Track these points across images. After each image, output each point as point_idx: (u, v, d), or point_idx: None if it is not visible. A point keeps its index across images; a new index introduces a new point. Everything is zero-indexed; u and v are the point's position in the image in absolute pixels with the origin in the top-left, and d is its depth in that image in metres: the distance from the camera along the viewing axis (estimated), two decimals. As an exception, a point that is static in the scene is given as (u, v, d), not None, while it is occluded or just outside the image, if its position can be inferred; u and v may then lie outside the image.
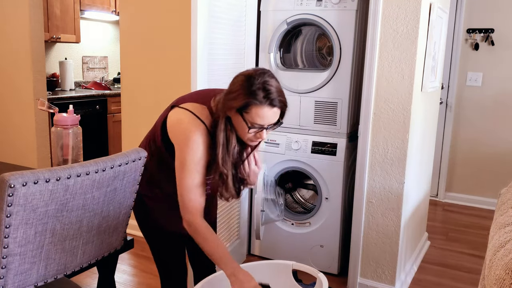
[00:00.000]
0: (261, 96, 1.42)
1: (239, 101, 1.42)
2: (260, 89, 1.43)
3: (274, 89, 1.47)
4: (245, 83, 1.43)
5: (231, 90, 1.46)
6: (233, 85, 1.47)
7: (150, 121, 3.26)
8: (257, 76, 1.44)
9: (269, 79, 1.47)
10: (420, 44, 2.40)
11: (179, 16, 3.05)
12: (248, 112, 1.43)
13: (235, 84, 1.46)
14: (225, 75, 2.45)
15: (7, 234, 1.25)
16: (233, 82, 1.48)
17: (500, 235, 1.15)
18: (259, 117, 1.44)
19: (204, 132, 1.50)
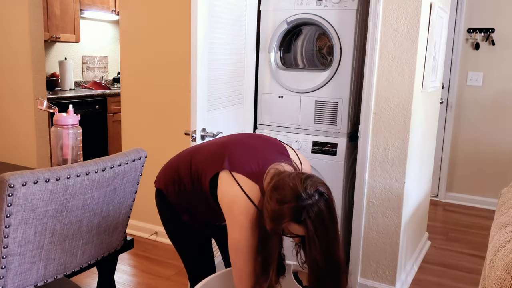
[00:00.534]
0: (302, 218, 1.37)
1: (283, 221, 1.39)
2: (304, 211, 1.37)
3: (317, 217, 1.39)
4: (293, 201, 1.37)
5: (278, 198, 1.40)
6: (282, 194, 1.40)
7: (150, 121, 3.27)
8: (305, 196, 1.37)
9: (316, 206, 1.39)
10: (420, 44, 2.39)
11: (179, 16, 3.04)
12: (288, 224, 1.40)
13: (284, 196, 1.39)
14: (225, 74, 2.45)
15: (6, 234, 1.25)
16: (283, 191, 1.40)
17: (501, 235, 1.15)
18: (295, 230, 1.42)
19: (254, 216, 1.49)
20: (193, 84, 2.14)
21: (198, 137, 2.17)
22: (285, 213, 1.37)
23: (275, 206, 1.39)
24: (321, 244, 1.39)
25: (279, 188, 1.41)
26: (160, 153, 3.26)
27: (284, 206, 1.37)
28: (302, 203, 1.36)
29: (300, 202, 1.36)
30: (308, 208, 1.36)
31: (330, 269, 1.44)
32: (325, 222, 1.39)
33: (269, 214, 1.41)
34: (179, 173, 1.69)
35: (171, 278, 2.80)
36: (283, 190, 1.40)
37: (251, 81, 2.76)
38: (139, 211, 3.38)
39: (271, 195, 1.42)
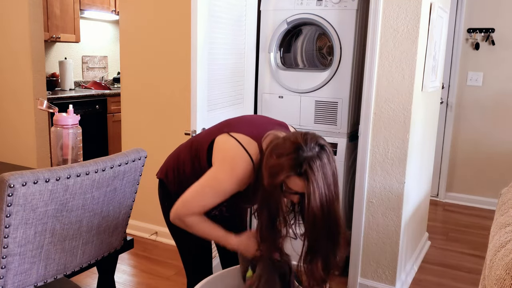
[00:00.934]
0: (303, 171, 1.34)
1: (283, 173, 1.35)
2: (304, 163, 1.34)
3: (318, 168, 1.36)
4: (293, 153, 1.35)
5: (278, 152, 1.37)
6: (281, 149, 1.38)
7: (150, 121, 3.27)
8: (306, 148, 1.35)
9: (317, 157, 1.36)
10: (420, 44, 2.39)
11: (179, 16, 3.04)
12: (288, 178, 1.37)
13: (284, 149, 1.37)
14: (225, 74, 2.45)
15: (6, 234, 1.25)
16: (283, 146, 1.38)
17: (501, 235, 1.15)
18: (295, 185, 1.38)
19: (249, 169, 1.47)
20: (193, 84, 2.14)
21: (198, 137, 2.17)
22: (285, 165, 1.34)
23: (275, 161, 1.36)
24: (321, 198, 1.35)
25: (279, 145, 1.39)
26: (160, 153, 3.26)
27: (283, 158, 1.35)
28: (303, 154, 1.33)
29: (301, 153, 1.34)
30: (309, 159, 1.33)
31: (329, 229, 1.40)
32: (326, 174, 1.36)
33: (268, 169, 1.38)
34: (179, 158, 1.68)
35: (171, 278, 2.80)
36: (283, 145, 1.38)
37: (251, 81, 2.76)
38: (139, 211, 3.38)
39: (270, 152, 1.39)
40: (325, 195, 1.36)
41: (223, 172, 1.48)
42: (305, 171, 1.33)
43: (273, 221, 1.46)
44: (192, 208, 1.52)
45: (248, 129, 1.54)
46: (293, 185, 1.37)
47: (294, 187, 1.38)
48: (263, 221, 1.46)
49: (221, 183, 1.48)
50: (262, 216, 1.47)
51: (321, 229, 1.39)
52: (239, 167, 1.46)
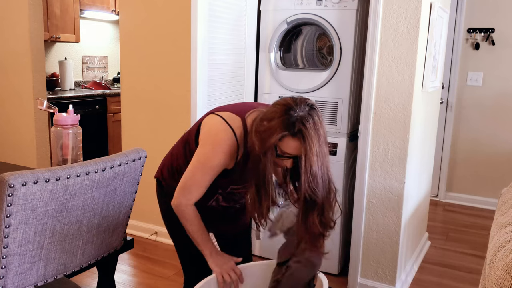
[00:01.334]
0: (296, 130, 1.36)
1: (276, 134, 1.37)
2: (296, 123, 1.36)
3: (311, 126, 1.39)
4: (281, 116, 1.37)
5: (268, 117, 1.40)
6: (271, 113, 1.40)
7: (150, 121, 3.27)
8: (297, 108, 1.38)
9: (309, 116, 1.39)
10: (420, 44, 2.39)
11: (179, 16, 3.04)
12: (281, 140, 1.38)
13: (274, 112, 1.40)
14: (225, 74, 2.45)
15: (6, 234, 1.25)
16: (272, 110, 1.41)
17: (501, 235, 1.15)
18: (292, 148, 1.39)
19: (232, 142, 1.50)
20: (193, 84, 2.14)
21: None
22: (278, 126, 1.35)
23: (266, 125, 1.38)
24: (318, 155, 1.37)
25: (268, 111, 1.41)
26: (160, 153, 3.26)
27: (275, 121, 1.36)
28: (294, 114, 1.35)
29: (292, 113, 1.36)
30: (301, 118, 1.35)
31: (323, 185, 1.43)
32: (319, 132, 1.38)
33: (259, 135, 1.39)
34: (172, 154, 1.71)
35: (171, 278, 2.80)
36: (273, 109, 1.40)
37: (251, 81, 2.76)
38: (139, 211, 3.38)
39: (261, 120, 1.41)
40: (320, 153, 1.39)
41: (207, 147, 1.52)
42: (300, 130, 1.35)
43: (259, 189, 1.48)
44: (190, 191, 1.54)
45: (233, 108, 1.58)
46: (286, 147, 1.38)
47: (287, 149, 1.39)
48: (250, 190, 1.49)
49: (207, 158, 1.51)
50: (250, 185, 1.49)
51: (317, 186, 1.41)
52: (221, 139, 1.49)
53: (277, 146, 1.39)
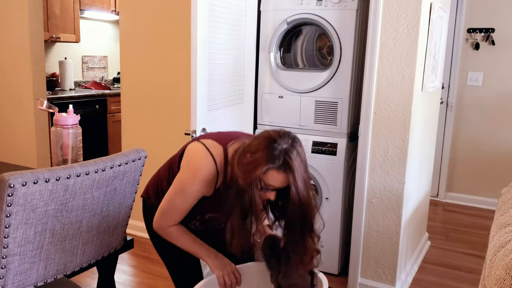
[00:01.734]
0: (281, 162, 1.37)
1: (261, 167, 1.37)
2: (281, 155, 1.37)
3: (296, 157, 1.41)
4: (268, 147, 1.38)
5: (252, 149, 1.41)
6: (255, 145, 1.41)
7: (150, 121, 3.27)
8: (280, 141, 1.40)
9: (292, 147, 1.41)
10: (420, 44, 2.39)
11: (179, 16, 3.04)
12: (265, 173, 1.39)
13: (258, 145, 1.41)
14: (225, 74, 2.45)
15: (6, 234, 1.25)
16: (256, 143, 1.42)
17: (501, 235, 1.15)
18: (275, 180, 1.40)
19: (211, 170, 1.51)
20: (193, 84, 2.14)
21: (198, 137, 2.17)
22: (262, 159, 1.36)
23: (250, 157, 1.39)
24: (304, 185, 1.40)
25: (251, 144, 1.42)
26: (160, 153, 3.26)
27: (259, 153, 1.37)
28: (278, 147, 1.37)
29: (276, 146, 1.37)
30: (286, 150, 1.37)
31: (308, 214, 1.46)
32: (303, 161, 1.42)
33: (243, 167, 1.40)
34: (158, 175, 1.73)
35: (171, 278, 2.80)
36: (256, 142, 1.41)
37: (251, 81, 2.76)
38: (139, 211, 3.37)
39: (243, 152, 1.42)
40: (305, 178, 1.41)
41: (187, 174, 1.53)
42: (285, 162, 1.36)
43: (245, 220, 1.48)
44: (169, 216, 1.58)
45: (216, 136, 1.60)
46: (271, 179, 1.39)
47: (272, 181, 1.39)
48: (234, 220, 1.48)
49: (186, 185, 1.53)
50: (233, 216, 1.48)
51: (304, 215, 1.44)
52: (200, 166, 1.50)
53: (261, 179, 1.40)
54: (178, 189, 1.55)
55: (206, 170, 1.50)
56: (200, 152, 1.53)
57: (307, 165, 1.47)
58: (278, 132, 1.42)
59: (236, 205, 1.46)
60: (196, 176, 1.51)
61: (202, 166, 1.51)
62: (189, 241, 1.61)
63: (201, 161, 1.51)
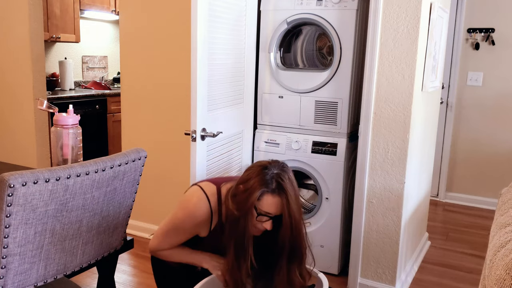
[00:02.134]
0: (274, 186, 1.42)
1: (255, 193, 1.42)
2: (274, 179, 1.43)
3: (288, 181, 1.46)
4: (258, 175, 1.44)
5: (244, 179, 1.48)
6: (247, 175, 1.49)
7: (150, 121, 3.27)
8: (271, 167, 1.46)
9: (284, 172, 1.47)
10: (420, 44, 2.39)
11: (179, 16, 3.04)
12: (260, 199, 1.43)
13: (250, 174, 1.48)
14: (225, 74, 2.45)
15: (6, 234, 1.25)
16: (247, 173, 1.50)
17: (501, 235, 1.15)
18: (270, 206, 1.43)
19: (204, 207, 1.58)
20: (193, 84, 2.14)
21: (198, 137, 2.17)
22: (255, 186, 1.41)
23: (243, 186, 1.44)
24: (297, 210, 1.44)
25: (243, 176, 1.49)
26: (160, 153, 3.26)
27: (252, 181, 1.43)
28: (269, 172, 1.43)
29: (268, 171, 1.44)
30: (278, 174, 1.43)
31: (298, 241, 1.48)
32: (294, 187, 1.45)
33: (238, 197, 1.44)
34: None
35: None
36: (248, 173, 1.47)
37: (251, 81, 2.76)
38: (139, 211, 3.38)
39: (236, 185, 1.48)
40: (298, 207, 1.46)
41: (181, 210, 1.62)
42: (278, 185, 1.41)
43: (239, 256, 1.50)
44: (162, 245, 1.67)
45: (212, 179, 1.69)
46: (266, 205, 1.42)
47: (267, 207, 1.43)
48: (230, 258, 1.51)
49: (179, 220, 1.61)
50: (229, 254, 1.52)
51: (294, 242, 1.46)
52: (194, 204, 1.59)
53: (256, 206, 1.43)
54: (171, 224, 1.64)
55: (199, 207, 1.57)
56: (194, 191, 1.62)
57: (299, 196, 1.49)
58: (268, 160, 1.49)
59: (231, 239, 1.49)
60: (189, 213, 1.59)
61: (195, 203, 1.58)
62: (182, 253, 1.67)
63: (195, 199, 1.59)
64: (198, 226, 1.61)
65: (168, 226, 1.65)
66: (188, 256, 1.68)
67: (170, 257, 1.69)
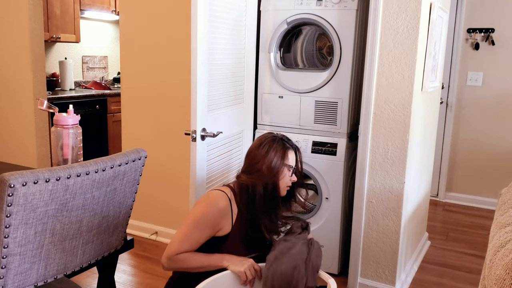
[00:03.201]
0: (289, 144, 1.78)
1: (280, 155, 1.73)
2: (285, 141, 1.79)
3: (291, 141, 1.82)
4: (274, 143, 1.75)
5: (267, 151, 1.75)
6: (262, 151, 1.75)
7: (150, 121, 3.27)
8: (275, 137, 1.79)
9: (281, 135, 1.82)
10: (420, 44, 2.40)
11: (179, 16, 3.04)
12: (285, 158, 1.74)
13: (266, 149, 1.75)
14: (225, 74, 2.45)
15: (7, 234, 1.25)
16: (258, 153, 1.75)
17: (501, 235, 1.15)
18: (292, 160, 1.77)
19: (223, 198, 1.70)
20: (193, 83, 2.14)
21: (198, 137, 2.17)
22: (279, 149, 1.74)
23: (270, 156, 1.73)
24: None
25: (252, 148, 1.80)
26: (160, 153, 3.26)
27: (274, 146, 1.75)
28: (277, 138, 1.78)
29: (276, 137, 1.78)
30: (282, 137, 1.79)
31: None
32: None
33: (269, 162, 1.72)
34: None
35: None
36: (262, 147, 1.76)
37: (251, 81, 2.76)
38: (139, 211, 3.38)
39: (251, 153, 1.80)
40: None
41: (200, 204, 1.70)
42: (290, 142, 1.80)
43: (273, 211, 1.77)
44: (183, 246, 1.64)
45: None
46: (291, 160, 1.76)
47: (292, 161, 1.77)
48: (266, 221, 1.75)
49: (200, 213, 1.66)
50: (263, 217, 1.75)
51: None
52: (213, 194, 1.71)
53: (284, 164, 1.74)
54: (191, 218, 1.66)
55: (217, 198, 1.69)
56: (210, 191, 1.76)
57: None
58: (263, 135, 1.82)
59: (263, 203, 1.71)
60: (208, 204, 1.67)
61: (213, 196, 1.70)
62: (199, 257, 1.65)
63: (212, 194, 1.71)
64: (221, 217, 1.67)
65: (189, 224, 1.65)
66: (206, 257, 1.65)
67: (187, 261, 1.63)
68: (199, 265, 1.64)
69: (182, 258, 1.64)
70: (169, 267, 1.66)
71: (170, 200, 3.27)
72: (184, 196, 3.18)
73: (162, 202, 3.30)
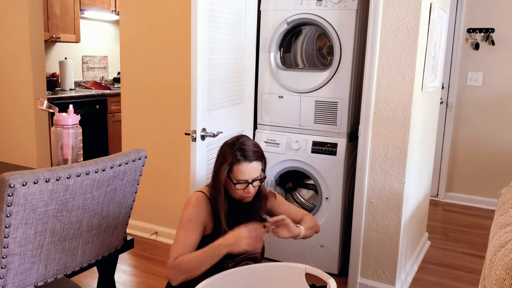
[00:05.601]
0: (239, 155, 1.69)
1: (225, 167, 1.70)
2: (237, 150, 1.70)
3: (249, 147, 1.73)
4: (225, 150, 1.74)
5: (216, 161, 1.78)
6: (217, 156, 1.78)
7: (150, 121, 3.27)
8: (234, 142, 1.74)
9: (244, 140, 1.75)
10: (420, 44, 2.40)
11: (179, 16, 3.04)
12: (232, 171, 1.71)
13: (217, 157, 1.78)
14: (225, 74, 2.45)
15: (7, 234, 1.25)
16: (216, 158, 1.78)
17: (501, 235, 1.15)
18: (241, 173, 1.70)
19: (201, 196, 1.76)
20: (193, 84, 2.14)
21: (198, 137, 2.17)
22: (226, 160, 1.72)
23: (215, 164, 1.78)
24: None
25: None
26: (160, 153, 3.26)
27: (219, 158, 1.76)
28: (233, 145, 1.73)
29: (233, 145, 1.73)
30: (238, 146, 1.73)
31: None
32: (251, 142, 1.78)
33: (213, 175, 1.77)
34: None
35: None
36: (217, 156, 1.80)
37: (251, 81, 2.76)
38: (139, 211, 3.38)
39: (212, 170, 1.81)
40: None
41: (184, 210, 1.75)
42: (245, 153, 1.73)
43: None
44: (181, 250, 1.66)
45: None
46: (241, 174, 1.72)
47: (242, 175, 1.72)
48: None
49: (187, 217, 1.73)
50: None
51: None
52: (193, 197, 1.77)
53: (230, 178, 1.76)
54: (182, 226, 1.72)
55: (196, 198, 1.75)
56: (192, 194, 1.81)
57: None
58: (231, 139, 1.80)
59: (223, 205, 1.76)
60: (189, 206, 1.73)
61: (192, 198, 1.76)
62: (195, 254, 1.65)
63: (193, 196, 1.78)
64: (204, 215, 1.73)
65: (180, 230, 1.70)
66: (202, 252, 1.64)
67: (186, 262, 1.63)
68: (198, 262, 1.62)
69: (180, 261, 1.64)
70: (174, 277, 1.64)
71: (170, 200, 3.27)
72: (184, 196, 3.18)
73: (162, 202, 3.30)
